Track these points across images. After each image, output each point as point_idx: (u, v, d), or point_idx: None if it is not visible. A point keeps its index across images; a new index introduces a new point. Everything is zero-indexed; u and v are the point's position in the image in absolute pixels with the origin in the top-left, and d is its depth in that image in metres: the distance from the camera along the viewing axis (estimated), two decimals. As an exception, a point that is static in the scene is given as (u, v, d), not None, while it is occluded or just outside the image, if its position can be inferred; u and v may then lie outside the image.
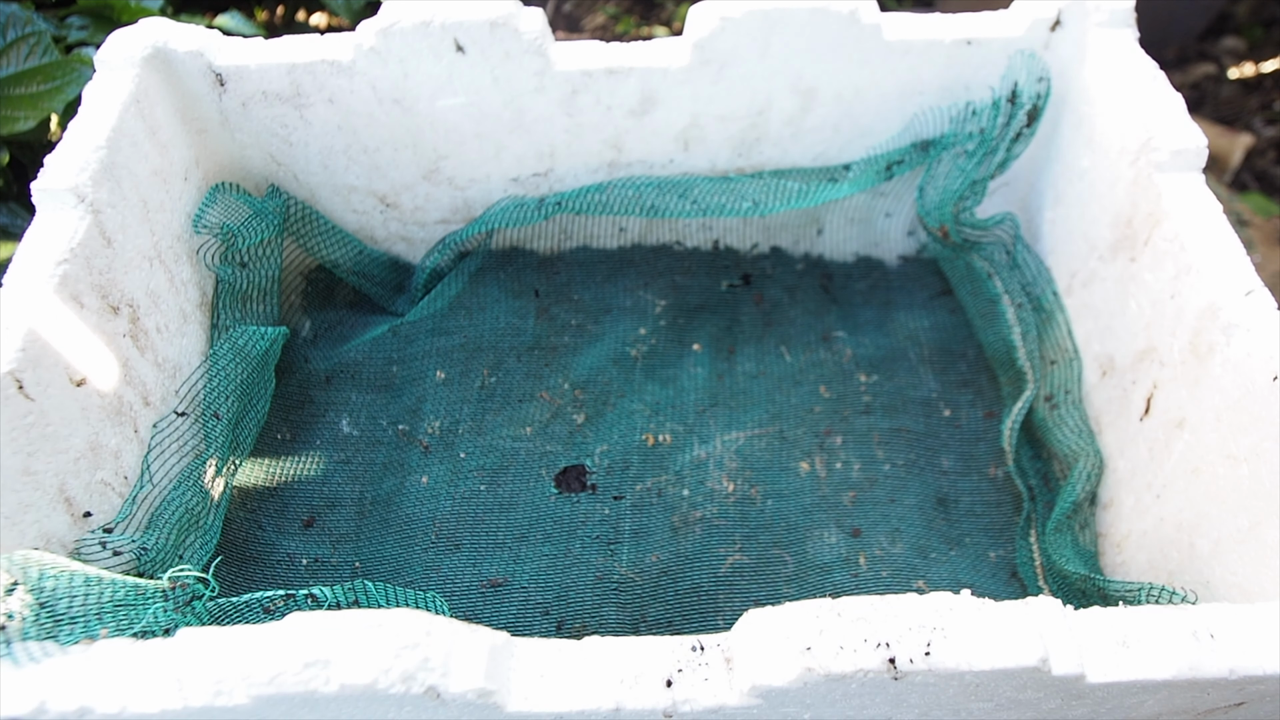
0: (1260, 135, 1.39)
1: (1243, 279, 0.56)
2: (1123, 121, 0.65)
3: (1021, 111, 0.72)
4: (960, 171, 0.75)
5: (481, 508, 0.70)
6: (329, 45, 0.70)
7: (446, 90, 0.72)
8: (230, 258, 0.72)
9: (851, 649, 0.39)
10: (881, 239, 0.85)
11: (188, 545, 0.61)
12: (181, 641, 0.41)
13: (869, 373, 0.79)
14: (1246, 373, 0.53)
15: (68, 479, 0.55)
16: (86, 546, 0.56)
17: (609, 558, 0.67)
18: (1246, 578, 0.53)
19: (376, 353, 0.79)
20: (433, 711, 0.41)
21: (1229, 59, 1.50)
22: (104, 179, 0.60)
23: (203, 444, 0.67)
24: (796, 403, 0.77)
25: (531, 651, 0.42)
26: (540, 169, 0.78)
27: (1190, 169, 0.61)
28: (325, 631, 0.40)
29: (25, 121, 0.86)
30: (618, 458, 0.72)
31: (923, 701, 0.42)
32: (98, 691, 0.40)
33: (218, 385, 0.68)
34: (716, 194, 0.78)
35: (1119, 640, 0.41)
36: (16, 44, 0.87)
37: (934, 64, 0.73)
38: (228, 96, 0.71)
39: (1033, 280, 0.76)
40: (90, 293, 0.58)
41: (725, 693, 0.41)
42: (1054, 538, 0.65)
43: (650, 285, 0.83)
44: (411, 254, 0.84)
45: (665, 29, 1.64)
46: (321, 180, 0.78)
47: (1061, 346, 0.73)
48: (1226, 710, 0.45)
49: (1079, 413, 0.71)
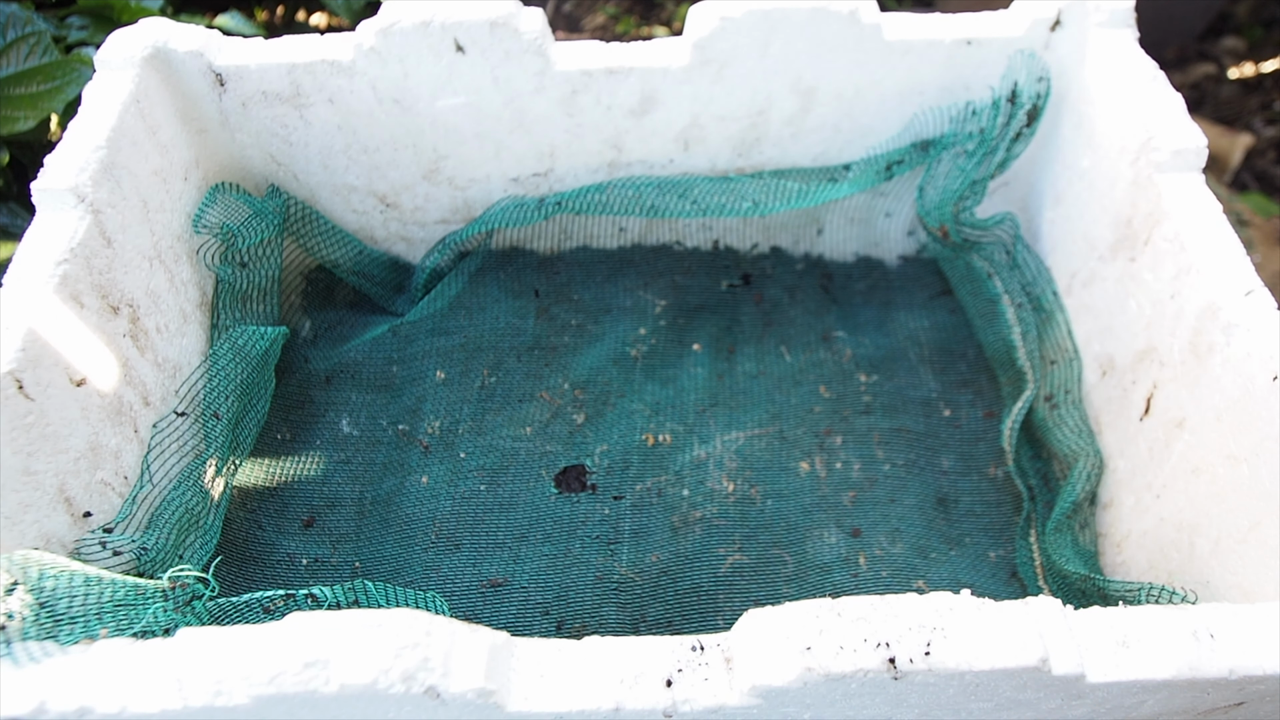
0: (1260, 135, 1.39)
1: (1243, 279, 0.56)
2: (1123, 121, 0.65)
3: (1021, 111, 0.72)
4: (960, 171, 0.75)
5: (481, 508, 0.70)
6: (329, 45, 0.70)
7: (446, 90, 0.72)
8: (230, 258, 0.72)
9: (851, 649, 0.39)
10: (881, 239, 0.85)
11: (188, 545, 0.61)
12: (181, 641, 0.41)
13: (869, 373, 0.79)
14: (1246, 372, 0.53)
15: (68, 479, 0.55)
16: (86, 546, 0.56)
17: (609, 558, 0.67)
18: (1246, 577, 0.53)
19: (376, 353, 0.79)
20: (433, 711, 0.40)
21: (1229, 59, 1.50)
22: (104, 179, 0.60)
23: (203, 444, 0.67)
24: (796, 403, 0.77)
25: (531, 651, 0.42)
26: (540, 169, 0.78)
27: (1190, 169, 0.61)
28: (325, 631, 0.40)
29: (25, 121, 0.86)
30: (618, 458, 0.72)
31: (923, 701, 0.42)
32: (98, 691, 0.40)
33: (217, 385, 0.68)
34: (716, 194, 0.78)
35: (1119, 640, 0.41)
36: (16, 44, 0.87)
37: (934, 64, 0.73)
38: (228, 96, 0.71)
39: (1032, 280, 0.76)
40: (90, 293, 0.58)
41: (725, 693, 0.41)
42: (1054, 538, 0.65)
43: (650, 285, 0.83)
44: (411, 254, 0.84)
45: (665, 29, 1.64)
46: (321, 180, 0.78)
47: (1061, 346, 0.73)
48: (1226, 710, 0.45)
49: (1079, 413, 0.71)
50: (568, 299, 0.82)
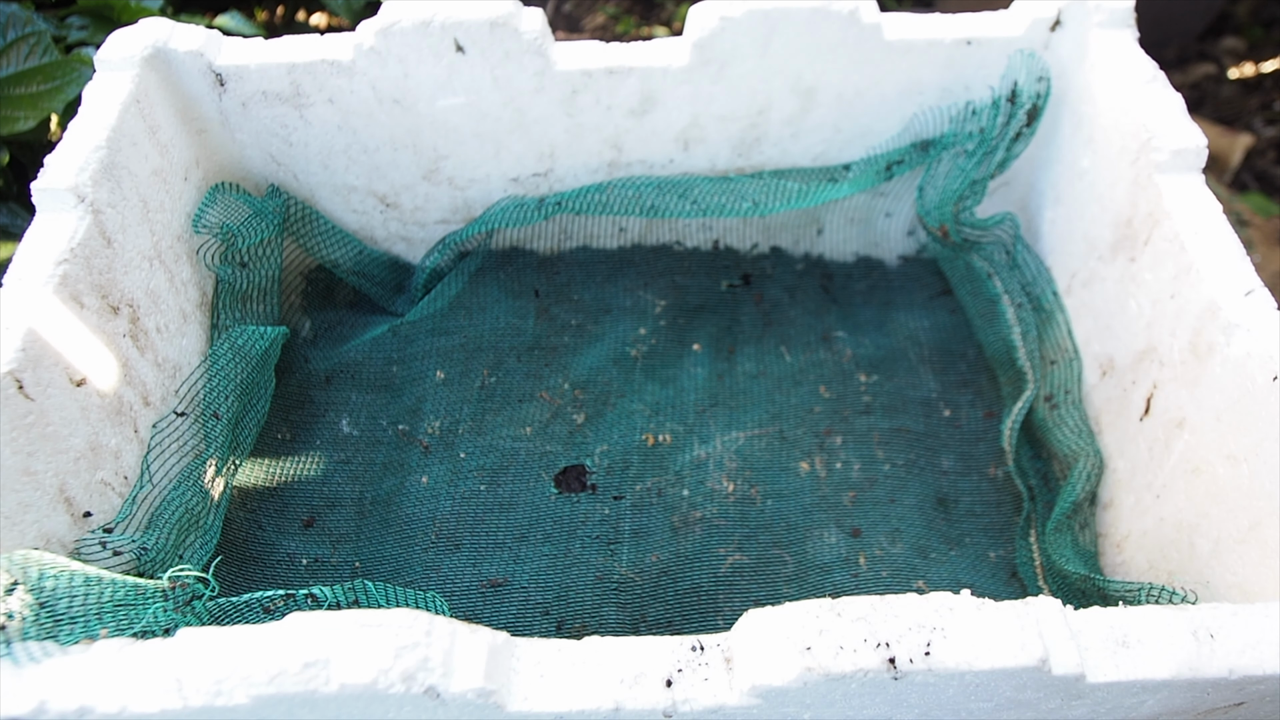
0: (1260, 135, 1.39)
1: (1243, 279, 0.56)
2: (1123, 121, 0.65)
3: (1021, 111, 0.72)
4: (960, 171, 0.75)
5: (481, 508, 0.70)
6: (329, 45, 0.70)
7: (446, 90, 0.72)
8: (230, 258, 0.72)
9: (851, 649, 0.39)
10: (881, 239, 0.85)
11: (188, 545, 0.61)
12: (181, 641, 0.41)
13: (869, 373, 0.79)
14: (1246, 372, 0.53)
15: (68, 479, 0.55)
16: (86, 546, 0.56)
17: (609, 558, 0.67)
18: (1246, 577, 0.53)
19: (376, 353, 0.79)
20: (433, 712, 0.41)
21: (1229, 59, 1.50)
22: (104, 179, 0.60)
23: (202, 444, 0.67)
24: (796, 403, 0.77)
25: (532, 651, 0.42)
26: (540, 169, 0.78)
27: (1190, 169, 0.61)
28: (325, 631, 0.40)
29: (25, 122, 0.86)
30: (618, 458, 0.72)
31: (923, 701, 0.42)
32: (98, 691, 0.40)
33: (217, 385, 0.68)
34: (716, 194, 0.78)
35: (1119, 640, 0.41)
36: (16, 44, 0.87)
37: (934, 64, 0.73)
38: (228, 96, 0.71)
39: (1032, 280, 0.76)
40: (90, 293, 0.58)
41: (725, 693, 0.41)
42: (1054, 538, 0.65)
43: (650, 285, 0.83)
44: (411, 254, 0.84)
45: (665, 29, 1.64)
46: (321, 180, 0.78)
47: (1061, 346, 0.73)
48: (1226, 710, 0.45)
49: (1079, 413, 0.71)
50: (568, 299, 0.82)
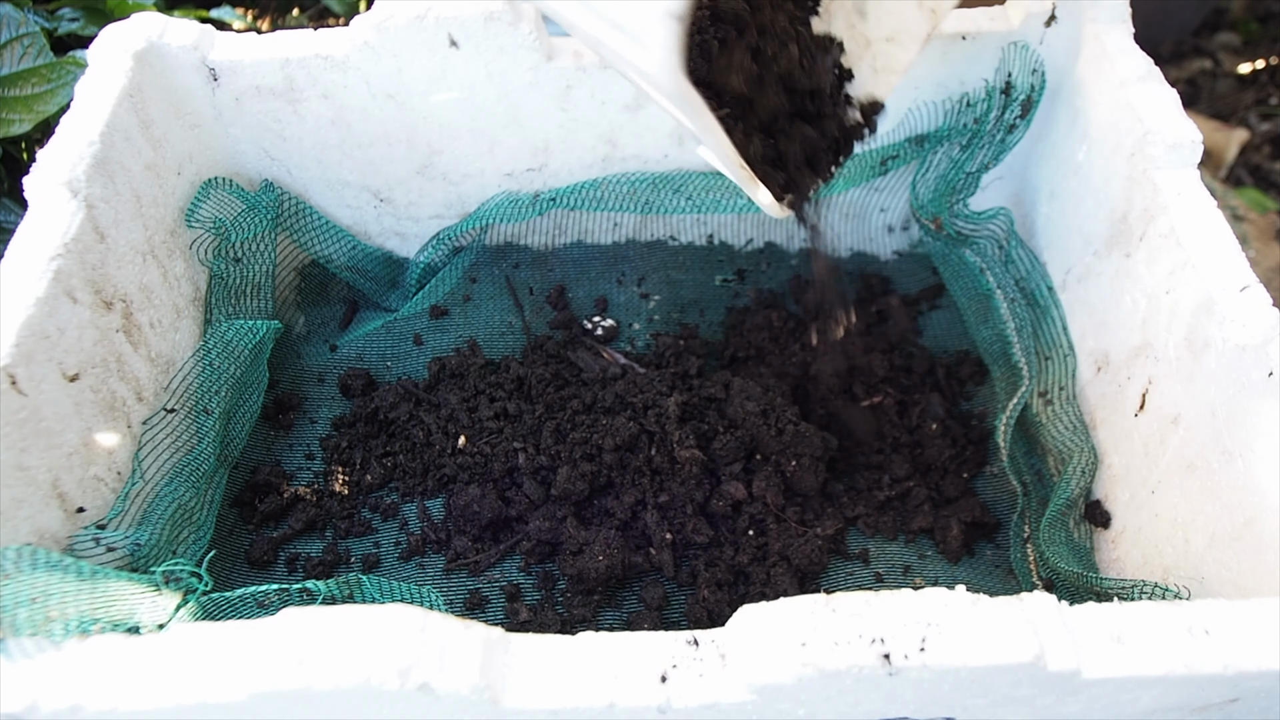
0: (1255, 130, 1.39)
1: (1238, 274, 0.56)
2: (1118, 117, 0.65)
3: (1016, 103, 0.71)
4: (954, 163, 0.75)
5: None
6: (323, 40, 0.69)
7: (441, 85, 0.72)
8: (223, 253, 0.72)
9: (846, 645, 0.39)
10: (876, 234, 0.85)
11: (181, 541, 0.61)
12: (175, 637, 0.41)
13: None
14: (1242, 368, 0.53)
15: (61, 474, 0.55)
16: (80, 542, 0.55)
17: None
18: (1241, 573, 0.53)
19: (370, 348, 0.79)
20: (427, 708, 0.40)
21: (1224, 54, 1.50)
22: (97, 174, 0.60)
23: (195, 439, 0.66)
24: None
25: (526, 647, 0.42)
26: (534, 164, 0.78)
27: (1185, 164, 0.61)
28: (319, 627, 0.40)
29: (20, 124, 0.85)
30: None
31: (917, 697, 0.42)
32: (90, 688, 0.40)
33: (209, 380, 0.68)
34: (711, 189, 0.78)
35: (1114, 636, 0.41)
36: (10, 45, 0.86)
37: (929, 59, 0.72)
38: (221, 91, 0.71)
39: (1027, 275, 0.76)
40: (83, 287, 0.58)
41: (720, 688, 0.41)
42: (1048, 534, 0.65)
43: (645, 280, 0.83)
44: (405, 249, 0.84)
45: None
46: (315, 175, 0.77)
47: (1056, 342, 0.73)
48: (1221, 706, 0.45)
49: (1073, 409, 0.71)
50: (562, 294, 0.82)
